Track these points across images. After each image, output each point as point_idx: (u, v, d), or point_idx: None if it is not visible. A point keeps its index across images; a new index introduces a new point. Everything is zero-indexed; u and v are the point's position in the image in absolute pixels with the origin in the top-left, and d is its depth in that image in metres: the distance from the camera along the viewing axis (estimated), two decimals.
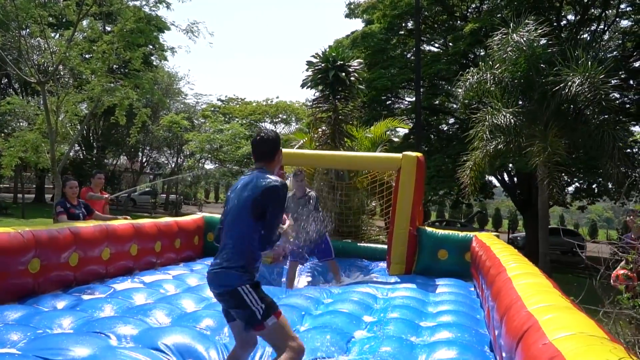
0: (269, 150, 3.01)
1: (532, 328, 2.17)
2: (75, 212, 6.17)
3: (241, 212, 2.88)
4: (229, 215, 2.96)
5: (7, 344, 3.47)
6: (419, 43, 15.01)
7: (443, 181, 18.03)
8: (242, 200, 2.89)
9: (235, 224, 2.90)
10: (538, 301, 2.49)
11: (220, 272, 2.86)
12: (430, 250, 7.38)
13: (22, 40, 13.22)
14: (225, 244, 2.92)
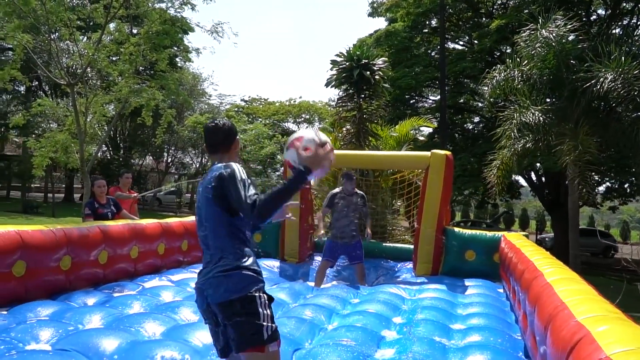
0: (222, 141, 2.63)
1: (585, 340, 2.07)
2: (104, 211, 6.23)
3: (208, 210, 2.52)
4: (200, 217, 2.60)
5: (40, 340, 3.52)
6: (444, 41, 14.86)
7: (469, 181, 17.79)
8: (204, 199, 2.54)
9: (209, 224, 2.53)
10: (587, 310, 2.38)
11: (232, 275, 2.42)
12: (457, 250, 7.26)
13: (52, 43, 13.50)
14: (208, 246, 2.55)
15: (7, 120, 22.67)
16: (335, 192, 6.57)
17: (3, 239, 4.28)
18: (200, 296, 2.49)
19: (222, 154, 2.63)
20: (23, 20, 12.39)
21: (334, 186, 9.72)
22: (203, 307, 2.50)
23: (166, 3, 14.28)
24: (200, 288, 2.49)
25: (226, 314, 2.37)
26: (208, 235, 2.54)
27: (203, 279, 2.49)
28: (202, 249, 2.61)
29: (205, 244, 2.57)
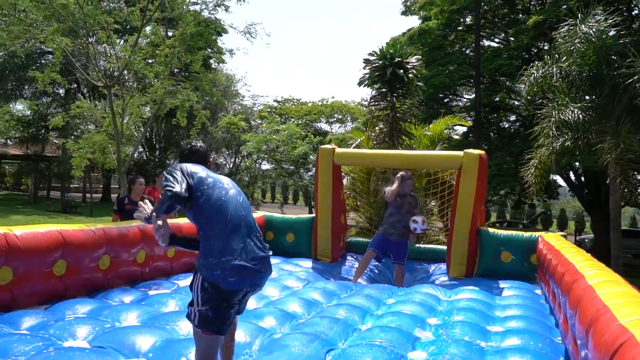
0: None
1: (628, 344, 1.99)
2: (132, 207, 6.35)
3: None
4: (239, 199, 2.84)
5: (77, 337, 3.60)
6: (479, 38, 14.60)
7: (505, 180, 17.43)
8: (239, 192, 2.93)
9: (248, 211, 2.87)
10: (630, 313, 2.29)
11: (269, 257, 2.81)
12: (493, 251, 7.11)
13: (90, 46, 13.85)
14: (252, 226, 2.80)
15: (47, 122, 23.39)
16: (392, 189, 6.81)
17: (45, 238, 4.39)
18: (259, 275, 2.69)
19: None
20: (62, 24, 12.75)
21: (367, 185, 9.68)
22: (257, 283, 2.73)
23: (200, 5, 14.48)
24: (261, 269, 2.69)
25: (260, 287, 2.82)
26: (250, 220, 2.80)
27: (266, 260, 2.77)
28: (242, 231, 2.71)
29: (248, 226, 2.75)
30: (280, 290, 5.49)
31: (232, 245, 2.62)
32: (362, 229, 9.71)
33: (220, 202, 2.71)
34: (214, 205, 2.69)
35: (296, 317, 4.41)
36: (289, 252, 7.89)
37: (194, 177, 2.75)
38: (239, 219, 2.70)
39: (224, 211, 2.69)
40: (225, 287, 2.57)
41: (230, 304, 2.64)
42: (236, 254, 2.60)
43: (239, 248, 2.62)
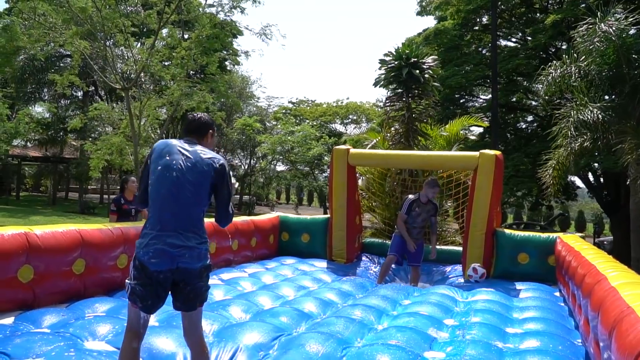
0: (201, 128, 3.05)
1: None
2: (129, 207, 6.56)
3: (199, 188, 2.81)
4: (178, 186, 2.78)
5: (97, 335, 3.63)
6: (496, 38, 14.46)
7: (522, 181, 17.21)
8: (198, 176, 2.81)
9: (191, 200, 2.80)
10: None
11: (203, 247, 2.80)
12: (510, 253, 7.05)
13: (108, 49, 14.03)
14: (181, 216, 2.76)
15: (65, 124, 23.70)
16: (414, 200, 6.76)
17: (65, 238, 4.45)
18: (168, 258, 2.69)
19: (198, 139, 3.00)
20: (80, 27, 12.93)
21: (383, 187, 9.64)
22: (165, 268, 2.70)
23: (216, 7, 14.59)
24: (170, 252, 2.69)
25: (196, 277, 2.76)
26: (186, 208, 2.77)
27: (179, 245, 2.71)
28: (165, 215, 2.76)
29: (175, 212, 2.75)
30: (295, 290, 5.50)
31: (156, 227, 2.74)
32: (378, 230, 9.67)
33: (155, 189, 2.80)
34: (152, 192, 2.82)
35: (312, 317, 4.41)
36: (304, 253, 7.91)
37: (149, 166, 2.87)
38: (170, 204, 2.76)
39: (156, 198, 2.79)
40: (149, 268, 2.70)
41: (153, 283, 2.73)
42: (157, 239, 2.72)
43: (161, 233, 2.73)
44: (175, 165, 2.78)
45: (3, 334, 3.49)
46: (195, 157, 2.82)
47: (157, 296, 2.77)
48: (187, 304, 2.80)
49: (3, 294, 4.09)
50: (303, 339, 3.61)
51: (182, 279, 2.75)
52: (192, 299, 2.79)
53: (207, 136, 3.04)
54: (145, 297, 2.74)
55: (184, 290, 2.77)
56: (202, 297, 2.83)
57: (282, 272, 6.62)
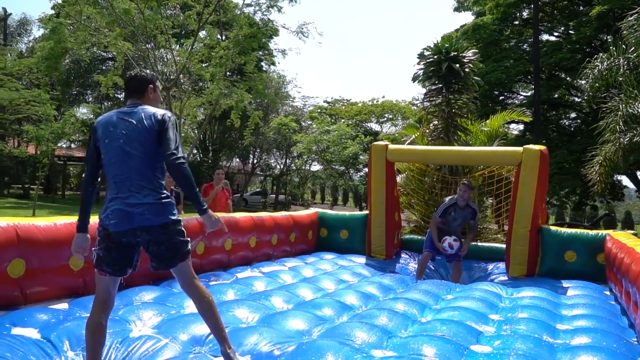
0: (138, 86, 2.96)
1: None
2: None
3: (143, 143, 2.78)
4: (126, 149, 2.78)
5: (144, 320, 3.72)
6: (537, 32, 14.12)
7: (565, 179, 16.76)
8: (142, 133, 2.78)
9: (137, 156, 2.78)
10: None
11: (164, 202, 2.75)
12: (556, 251, 6.85)
13: (150, 50, 14.37)
14: (135, 177, 2.75)
15: None
16: (449, 204, 6.62)
17: None
18: (127, 217, 2.70)
19: (139, 98, 2.93)
20: (123, 29, 13.29)
21: (421, 183, 9.52)
22: (125, 228, 2.71)
23: (253, 7, 14.75)
24: (128, 211, 2.71)
25: (164, 235, 2.74)
26: (139, 168, 2.77)
27: (136, 203, 2.72)
28: (119, 179, 2.78)
29: (128, 174, 2.76)
30: (336, 284, 5.49)
31: (113, 192, 2.77)
32: (417, 226, 9.56)
33: (107, 160, 2.82)
34: (105, 165, 2.84)
35: (353, 309, 4.39)
36: (342, 249, 7.90)
37: (97, 145, 2.86)
38: (122, 169, 2.77)
39: (109, 167, 2.80)
40: (110, 229, 2.73)
41: (116, 246, 2.75)
42: (116, 200, 2.75)
43: (118, 195, 2.76)
44: (119, 133, 2.78)
45: (56, 319, 3.61)
46: (136, 118, 2.80)
47: (123, 259, 2.78)
48: (165, 262, 2.80)
49: (57, 281, 4.24)
50: (346, 327, 3.60)
51: (150, 239, 2.74)
52: (168, 258, 2.79)
53: (147, 92, 2.96)
54: (110, 262, 2.76)
55: (158, 250, 2.77)
56: (181, 254, 2.81)
57: (321, 267, 6.62)
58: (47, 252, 4.14)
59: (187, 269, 2.86)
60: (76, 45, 13.61)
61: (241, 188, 36.76)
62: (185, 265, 2.84)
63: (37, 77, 24.58)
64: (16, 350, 2.96)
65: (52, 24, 13.51)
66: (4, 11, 30.21)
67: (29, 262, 4.02)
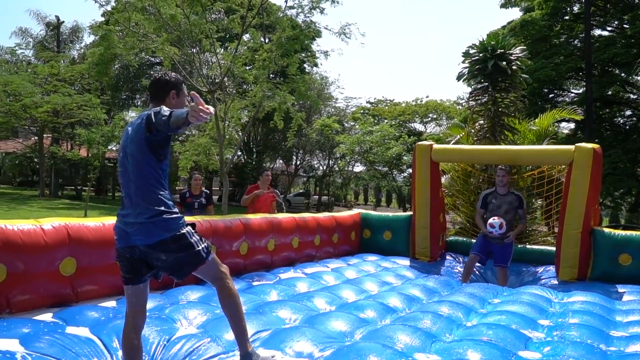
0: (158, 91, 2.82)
1: None
2: (192, 200, 7.07)
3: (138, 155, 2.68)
4: (124, 162, 2.74)
5: (189, 319, 3.78)
6: (589, 27, 13.58)
7: (620, 180, 16.06)
8: (133, 143, 2.69)
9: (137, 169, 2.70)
10: None
11: (156, 221, 2.64)
12: (610, 254, 6.54)
13: (196, 55, 14.68)
14: (131, 192, 2.70)
15: None
16: (488, 192, 6.64)
17: None
18: (124, 235, 2.71)
19: (158, 102, 2.78)
20: (170, 34, 13.63)
21: (466, 184, 9.32)
22: (123, 245, 2.72)
23: (296, 9, 14.82)
24: (124, 230, 2.71)
25: (165, 251, 2.67)
26: (133, 182, 2.71)
27: (130, 222, 2.69)
28: (123, 194, 2.78)
29: (127, 190, 2.74)
30: (379, 286, 5.44)
31: (121, 207, 2.78)
32: (462, 228, 9.36)
33: (119, 167, 2.80)
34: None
35: (397, 311, 4.33)
36: (385, 250, 7.81)
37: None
38: (123, 184, 2.76)
39: (120, 176, 2.78)
40: (116, 245, 2.77)
41: (123, 257, 2.74)
42: (119, 217, 2.77)
43: (121, 212, 2.76)
44: (122, 145, 2.76)
45: (106, 317, 3.72)
46: (132, 129, 2.70)
47: (135, 270, 2.73)
48: (175, 274, 2.77)
49: (106, 279, 4.37)
50: (389, 329, 3.55)
51: (150, 256, 2.68)
52: (177, 270, 2.73)
53: (168, 98, 2.78)
54: (124, 271, 2.76)
55: (164, 264, 2.71)
56: (192, 263, 2.73)
57: (364, 268, 6.58)
58: (97, 251, 4.28)
59: (207, 273, 2.81)
60: (125, 51, 14.06)
61: (284, 189, 37.03)
62: (202, 271, 2.79)
63: (88, 82, 25.68)
64: (68, 350, 3.06)
65: (102, 31, 14.02)
66: (57, 19, 31.57)
67: (80, 260, 4.16)
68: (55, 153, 25.12)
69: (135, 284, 2.75)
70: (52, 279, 4.00)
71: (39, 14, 32.33)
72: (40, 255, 3.88)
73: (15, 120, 24.20)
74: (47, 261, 3.95)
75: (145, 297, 2.81)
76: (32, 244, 3.81)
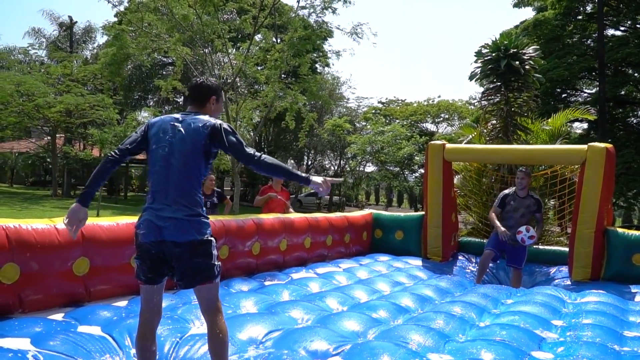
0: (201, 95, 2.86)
1: None
2: (205, 200, 6.91)
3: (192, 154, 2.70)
4: (168, 160, 2.71)
5: (203, 322, 3.78)
6: (602, 26, 13.46)
7: (633, 180, 15.88)
8: (188, 146, 2.69)
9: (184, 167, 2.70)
10: None
11: (192, 220, 2.63)
12: (623, 254, 6.47)
13: (207, 56, 14.76)
14: (170, 189, 2.67)
15: None
16: (507, 193, 6.46)
17: None
18: (155, 229, 2.64)
19: (199, 107, 2.86)
20: (182, 35, 13.72)
21: (478, 184, 9.28)
22: (151, 240, 2.64)
23: (308, 9, 14.86)
24: (156, 223, 2.64)
25: (187, 253, 2.62)
26: (176, 180, 2.69)
27: (165, 217, 2.64)
28: (156, 189, 2.71)
29: (165, 186, 2.69)
30: (391, 286, 5.43)
31: (149, 201, 2.71)
32: (474, 228, 9.31)
33: (151, 166, 2.76)
34: (149, 169, 2.78)
35: (409, 312, 4.33)
36: (397, 250, 7.80)
37: (145, 134, 2.81)
38: (160, 179, 2.70)
39: (152, 174, 2.74)
40: (139, 239, 2.69)
41: (146, 255, 2.68)
42: (150, 210, 2.69)
43: (152, 206, 2.69)
44: (166, 140, 2.71)
45: (118, 316, 3.75)
46: (185, 127, 2.72)
47: (156, 269, 2.69)
48: (184, 280, 2.67)
49: (119, 279, 4.40)
50: (402, 329, 3.55)
51: (176, 254, 2.63)
52: (190, 277, 2.65)
53: (209, 103, 2.87)
54: (144, 270, 2.70)
55: (180, 267, 2.65)
56: (205, 275, 2.66)
57: (376, 268, 6.57)
58: (110, 250, 4.30)
59: (208, 295, 2.70)
60: (138, 51, 14.19)
61: (296, 189, 37.08)
62: (205, 290, 2.69)
63: (101, 82, 25.91)
64: (80, 347, 3.08)
65: (115, 31, 14.17)
66: (69, 19, 31.86)
67: (93, 260, 4.17)
68: (67, 153, 25.36)
69: (153, 284, 2.74)
70: (65, 278, 4.02)
71: (52, 14, 32.68)
72: (54, 254, 3.89)
73: (28, 120, 24.46)
74: (61, 261, 3.97)
75: (161, 297, 2.81)
76: (46, 243, 3.82)
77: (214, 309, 2.70)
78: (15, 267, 3.66)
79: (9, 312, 3.68)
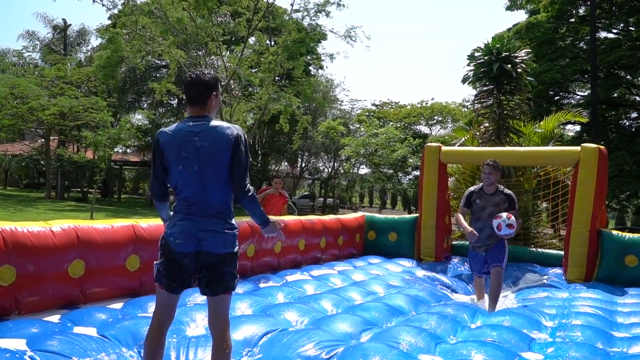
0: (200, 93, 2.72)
1: None
2: None
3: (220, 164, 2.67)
4: (201, 174, 2.67)
5: (197, 321, 3.81)
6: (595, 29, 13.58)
7: (626, 182, 16.01)
8: (217, 157, 2.65)
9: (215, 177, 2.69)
10: None
11: (229, 233, 2.67)
12: (616, 255, 6.56)
13: (201, 57, 14.78)
14: (203, 202, 2.69)
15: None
16: (473, 190, 5.54)
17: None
18: (193, 240, 2.65)
19: (202, 108, 2.74)
20: (176, 37, 13.73)
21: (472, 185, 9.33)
22: (189, 250, 2.65)
23: (302, 12, 14.90)
24: (195, 235, 2.65)
25: (219, 263, 2.66)
26: (212, 193, 2.70)
27: (204, 229, 2.67)
28: (192, 201, 2.71)
29: (202, 198, 2.70)
30: (385, 288, 5.47)
31: (184, 212, 2.71)
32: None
33: (180, 179, 2.71)
34: (178, 182, 2.72)
35: (403, 313, 4.36)
36: (390, 252, 7.84)
37: (162, 158, 2.75)
38: (196, 191, 2.70)
39: (185, 186, 2.71)
40: (175, 249, 2.66)
41: (176, 264, 2.68)
42: (188, 221, 2.69)
43: (189, 217, 2.69)
44: (193, 159, 2.65)
45: (114, 318, 3.76)
46: (208, 141, 2.65)
47: (181, 278, 2.68)
48: (209, 287, 2.68)
49: (115, 281, 4.41)
50: (395, 331, 3.59)
51: (205, 264, 2.65)
52: (215, 284, 2.66)
53: (210, 100, 2.73)
54: (169, 277, 2.68)
55: (207, 275, 2.66)
56: (227, 284, 2.68)
57: (370, 270, 6.60)
58: (105, 253, 4.31)
59: (225, 306, 2.72)
60: (132, 53, 14.18)
61: (290, 192, 37.08)
62: (225, 300, 2.71)
63: (95, 85, 25.82)
64: (75, 346, 3.09)
65: (109, 33, 14.15)
66: (64, 22, 31.77)
67: (88, 262, 4.19)
68: (61, 155, 25.26)
69: (175, 293, 2.74)
70: (61, 280, 4.03)
71: (46, 17, 32.58)
72: (50, 257, 3.91)
73: (22, 123, 24.35)
74: (56, 263, 3.98)
75: (176, 303, 2.82)
76: (42, 245, 3.84)
77: (224, 321, 2.71)
78: (11, 269, 3.67)
79: (5, 314, 3.69)
